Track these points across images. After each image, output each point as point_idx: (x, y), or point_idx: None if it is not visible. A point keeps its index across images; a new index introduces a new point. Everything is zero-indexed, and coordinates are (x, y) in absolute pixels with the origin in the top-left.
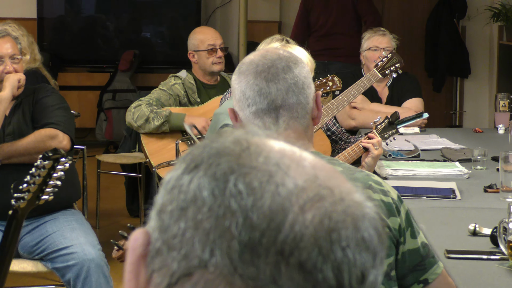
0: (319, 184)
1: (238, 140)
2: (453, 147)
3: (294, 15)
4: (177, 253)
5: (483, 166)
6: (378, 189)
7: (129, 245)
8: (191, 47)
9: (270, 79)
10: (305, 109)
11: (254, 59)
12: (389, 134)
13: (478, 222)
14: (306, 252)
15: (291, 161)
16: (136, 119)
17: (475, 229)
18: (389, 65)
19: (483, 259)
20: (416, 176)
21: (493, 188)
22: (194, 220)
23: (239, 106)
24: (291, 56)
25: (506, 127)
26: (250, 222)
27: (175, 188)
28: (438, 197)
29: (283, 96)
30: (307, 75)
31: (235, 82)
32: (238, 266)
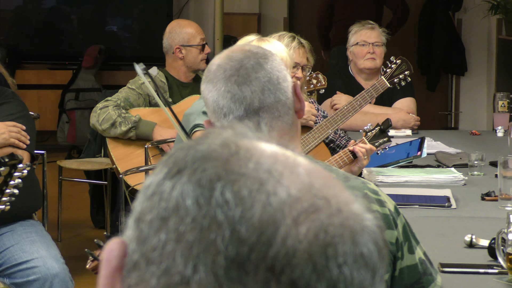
0: (314, 193)
1: (226, 143)
2: (448, 151)
3: (274, 6)
4: (157, 267)
5: (480, 172)
6: (374, 198)
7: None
8: (179, 41)
9: (241, 82)
10: (286, 105)
11: (220, 63)
12: (380, 143)
13: (475, 233)
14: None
15: (284, 167)
16: (102, 122)
17: (471, 241)
18: (398, 72)
19: (480, 273)
20: (408, 183)
21: (491, 196)
22: (176, 232)
23: (215, 117)
24: (259, 51)
25: (505, 129)
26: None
27: (155, 195)
28: (432, 206)
29: (260, 97)
30: (280, 67)
31: (206, 92)
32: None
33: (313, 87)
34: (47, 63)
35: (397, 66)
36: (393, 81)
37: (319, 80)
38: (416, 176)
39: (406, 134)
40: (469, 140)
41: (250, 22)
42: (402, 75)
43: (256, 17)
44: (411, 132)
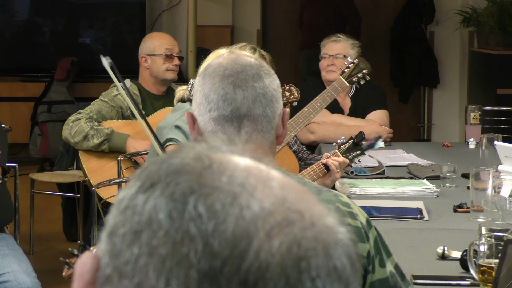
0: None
1: (200, 157)
2: (420, 163)
3: (248, 19)
4: (129, 281)
5: (452, 184)
6: (346, 211)
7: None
8: (145, 50)
9: (238, 84)
10: (271, 124)
11: (223, 62)
12: (354, 156)
13: (447, 245)
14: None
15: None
16: (74, 134)
17: (443, 252)
18: (356, 71)
19: (452, 285)
20: (381, 195)
21: (463, 208)
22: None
23: (199, 110)
24: (264, 65)
25: (477, 141)
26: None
27: (128, 209)
28: (404, 218)
29: (249, 105)
30: (277, 88)
31: (198, 84)
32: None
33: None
34: (19, 75)
35: (355, 66)
36: (352, 80)
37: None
38: (389, 188)
39: (379, 146)
40: (441, 152)
41: (223, 34)
42: (361, 73)
43: (229, 30)
44: (383, 144)
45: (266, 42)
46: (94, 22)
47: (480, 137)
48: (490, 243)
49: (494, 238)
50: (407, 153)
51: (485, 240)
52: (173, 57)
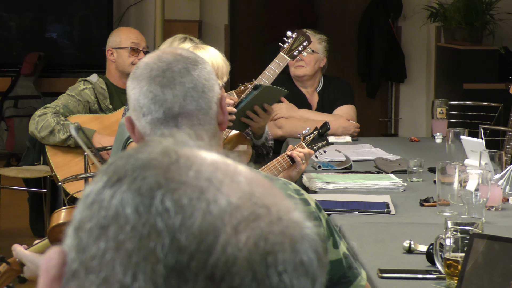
0: (254, 202)
1: (167, 151)
2: (387, 157)
3: (215, 14)
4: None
5: (419, 178)
6: (298, 198)
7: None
8: (111, 44)
9: (165, 84)
10: (208, 115)
11: (149, 62)
12: (319, 147)
13: (414, 239)
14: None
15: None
16: (40, 129)
17: (410, 246)
18: (296, 45)
19: (418, 278)
20: (348, 189)
21: (429, 202)
22: (116, 240)
23: (135, 115)
24: (190, 56)
25: (443, 135)
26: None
27: (95, 203)
28: (371, 212)
29: (181, 102)
30: (208, 76)
31: (130, 89)
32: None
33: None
34: None
35: (294, 39)
36: (293, 54)
37: None
38: (356, 182)
39: (346, 140)
40: (408, 146)
41: (191, 29)
42: (301, 46)
43: (197, 24)
44: (351, 139)
45: (234, 37)
46: (61, 17)
47: (446, 131)
48: (456, 237)
49: (460, 232)
50: (374, 148)
51: (451, 234)
52: (138, 51)
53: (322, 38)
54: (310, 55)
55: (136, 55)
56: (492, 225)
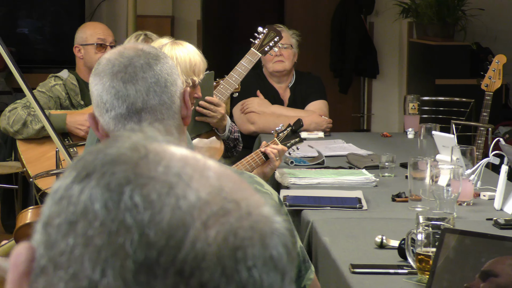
0: (224, 196)
1: (136, 147)
2: (359, 153)
3: (188, 9)
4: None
5: (391, 173)
6: (262, 191)
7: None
8: (78, 40)
9: (127, 80)
10: (171, 109)
11: (110, 58)
12: (292, 143)
13: (386, 234)
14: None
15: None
16: (12, 123)
17: (382, 241)
18: (268, 40)
19: (390, 273)
20: (320, 184)
21: (401, 197)
22: (84, 236)
23: (98, 111)
24: (152, 51)
25: (415, 131)
26: (147, 239)
27: (63, 199)
28: (344, 207)
29: (143, 97)
30: (170, 71)
31: (92, 85)
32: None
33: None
34: None
35: (266, 35)
36: (264, 49)
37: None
38: (328, 178)
39: (319, 136)
40: (380, 142)
41: (164, 24)
42: (272, 42)
43: (169, 20)
44: (323, 134)
45: (207, 33)
46: (33, 12)
47: (418, 127)
48: (427, 232)
49: (431, 227)
50: (346, 143)
51: (423, 229)
52: (105, 46)
53: (295, 33)
54: (289, 49)
55: (103, 51)
56: (464, 220)
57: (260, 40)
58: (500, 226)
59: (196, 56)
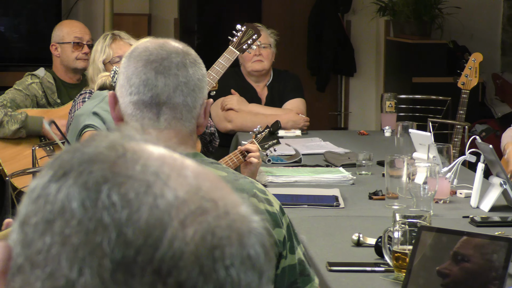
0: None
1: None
2: (336, 151)
3: (165, 7)
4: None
5: (368, 171)
6: (263, 198)
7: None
8: (55, 38)
9: (160, 71)
10: (191, 113)
11: (150, 47)
12: (270, 145)
13: (362, 232)
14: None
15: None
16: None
17: (359, 239)
18: (246, 38)
19: (367, 271)
20: (298, 183)
21: (378, 195)
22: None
23: (121, 92)
24: (192, 54)
25: (392, 129)
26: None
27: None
28: (321, 206)
29: (170, 93)
30: (202, 78)
31: (123, 66)
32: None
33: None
34: None
35: (244, 33)
36: (242, 48)
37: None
38: (305, 176)
39: (296, 134)
40: (357, 140)
41: (141, 23)
42: (250, 40)
43: (146, 18)
44: (300, 133)
45: (184, 31)
46: (9, 10)
47: (395, 125)
48: (404, 230)
49: (408, 224)
50: (323, 141)
51: (399, 227)
52: (82, 45)
53: (273, 32)
54: (267, 49)
55: (80, 49)
56: (440, 218)
57: (238, 38)
58: (477, 224)
59: None
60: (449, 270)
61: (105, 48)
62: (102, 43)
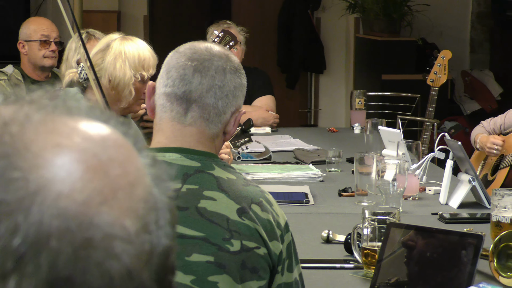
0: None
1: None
2: (306, 148)
3: (134, 4)
4: None
5: (337, 168)
6: (268, 208)
7: None
8: (22, 36)
9: (199, 69)
10: (219, 117)
11: (196, 47)
12: (242, 143)
13: (332, 229)
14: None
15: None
16: None
17: (328, 236)
18: (223, 44)
19: (336, 268)
20: (267, 180)
21: (348, 192)
22: None
23: (159, 83)
24: (234, 61)
25: (362, 126)
26: None
27: None
28: (290, 203)
29: (202, 92)
30: (239, 87)
31: (169, 57)
32: None
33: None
34: None
35: (221, 39)
36: None
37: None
38: (275, 173)
39: (266, 131)
40: (327, 137)
41: (110, 19)
42: (227, 46)
43: (115, 15)
44: (270, 130)
45: (153, 28)
46: None
47: (365, 122)
48: (373, 227)
49: (377, 221)
50: (293, 138)
51: (369, 224)
52: (49, 42)
53: (243, 30)
54: (238, 47)
55: (47, 47)
56: (409, 215)
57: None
58: (445, 221)
59: (146, 51)
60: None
61: (79, 48)
62: (76, 42)
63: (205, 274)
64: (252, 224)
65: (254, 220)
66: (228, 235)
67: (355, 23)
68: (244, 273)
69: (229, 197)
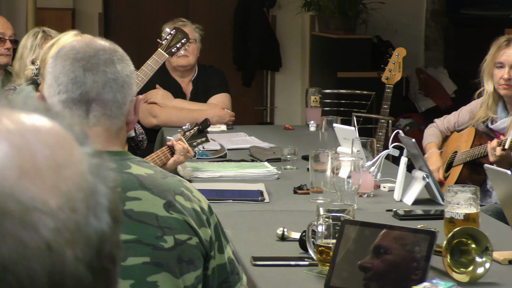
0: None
1: None
2: (262, 145)
3: (89, 1)
4: None
5: (293, 166)
6: (190, 196)
7: None
8: None
9: (88, 68)
10: (121, 109)
11: (76, 45)
12: (198, 143)
13: (287, 226)
14: None
15: None
16: None
17: (283, 234)
18: (175, 42)
19: (291, 265)
20: (223, 178)
21: (303, 189)
22: None
23: (49, 92)
24: (119, 51)
25: (317, 123)
26: None
27: None
28: (245, 200)
29: (99, 89)
30: (130, 75)
31: (50, 66)
32: None
33: None
34: None
35: (173, 36)
36: (171, 51)
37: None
38: (230, 171)
39: (221, 129)
40: (282, 134)
41: (64, 17)
42: (180, 44)
43: (70, 12)
44: (226, 127)
45: (108, 26)
46: None
47: (320, 119)
48: (327, 224)
49: (331, 218)
50: (249, 136)
51: (323, 221)
52: (4, 40)
53: (198, 27)
54: (193, 44)
55: (2, 45)
56: (364, 212)
57: (167, 41)
58: (400, 217)
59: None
60: (371, 263)
61: (35, 47)
62: (32, 41)
63: (143, 276)
64: (180, 216)
65: (181, 211)
66: (160, 232)
67: (311, 21)
68: (182, 267)
69: (153, 194)
